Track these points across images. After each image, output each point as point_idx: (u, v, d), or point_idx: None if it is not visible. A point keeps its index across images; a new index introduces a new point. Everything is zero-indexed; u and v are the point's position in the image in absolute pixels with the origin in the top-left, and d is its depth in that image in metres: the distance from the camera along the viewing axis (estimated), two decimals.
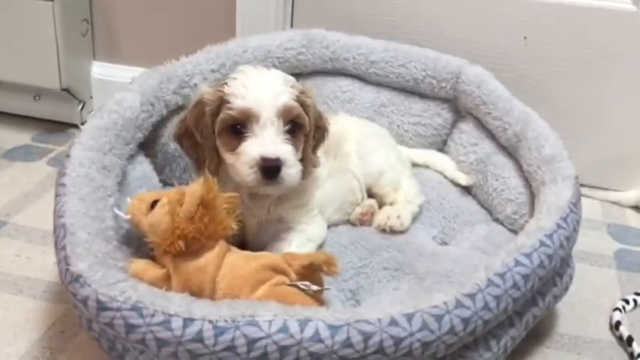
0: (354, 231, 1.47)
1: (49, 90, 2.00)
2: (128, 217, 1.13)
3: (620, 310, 1.39)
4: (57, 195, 1.17)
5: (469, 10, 1.82)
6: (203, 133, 1.25)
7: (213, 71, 1.60)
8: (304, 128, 1.26)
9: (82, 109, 2.05)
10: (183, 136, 1.29)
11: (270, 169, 1.18)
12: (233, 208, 1.12)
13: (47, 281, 1.37)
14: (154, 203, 1.11)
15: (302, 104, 1.25)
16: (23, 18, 1.89)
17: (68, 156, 1.25)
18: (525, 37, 1.79)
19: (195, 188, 1.09)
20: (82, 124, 2.05)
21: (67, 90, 1.99)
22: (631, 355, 1.28)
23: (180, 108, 1.53)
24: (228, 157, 1.23)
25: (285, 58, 1.71)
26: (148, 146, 1.48)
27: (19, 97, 2.05)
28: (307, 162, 1.29)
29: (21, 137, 1.97)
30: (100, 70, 2.10)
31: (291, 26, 1.95)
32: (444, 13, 1.83)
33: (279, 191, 1.26)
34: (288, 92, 1.23)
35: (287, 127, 1.22)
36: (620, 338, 1.33)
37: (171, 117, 1.53)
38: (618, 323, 1.35)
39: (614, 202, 1.83)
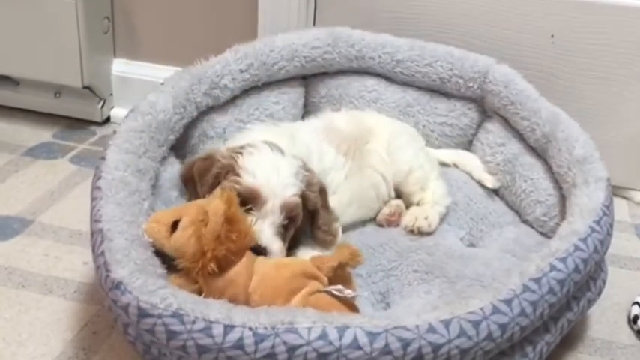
0: (382, 232, 1.46)
1: (69, 87, 1.99)
2: (149, 240, 1.11)
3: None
4: (93, 199, 1.17)
5: (495, 7, 1.80)
6: (203, 187, 1.25)
7: (241, 71, 1.59)
8: (296, 224, 1.25)
9: (102, 106, 2.05)
10: (189, 181, 1.30)
11: (257, 250, 1.15)
12: (251, 214, 1.13)
13: (77, 281, 1.37)
14: (174, 224, 1.09)
15: (304, 198, 1.25)
16: (46, 16, 1.88)
17: (103, 159, 1.24)
18: (553, 36, 1.77)
19: (216, 205, 1.07)
20: (103, 121, 2.06)
21: (88, 87, 1.99)
22: None
23: (210, 108, 1.54)
24: None
25: (311, 57, 1.70)
26: (178, 147, 1.48)
27: (40, 94, 2.05)
28: (327, 230, 1.30)
29: (42, 135, 1.97)
30: (120, 67, 2.09)
31: (314, 24, 1.93)
32: (469, 11, 1.82)
33: None
34: (296, 186, 1.22)
35: (285, 222, 1.21)
36: (638, 332, 1.33)
37: (201, 118, 1.53)
38: (636, 317, 1.34)
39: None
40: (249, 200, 1.19)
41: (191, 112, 1.49)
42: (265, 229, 1.17)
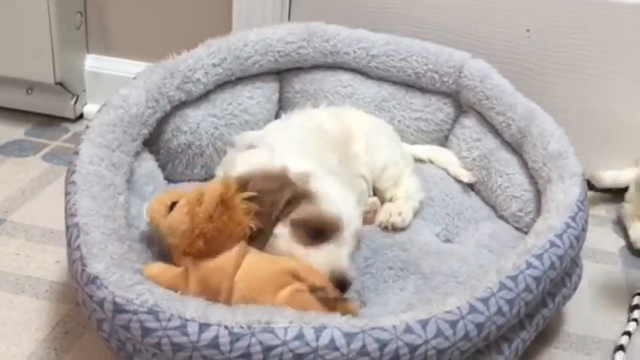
0: None
1: (41, 83, 1.96)
2: (147, 219, 1.13)
3: None
4: (67, 193, 1.15)
5: (471, 2, 1.80)
6: (267, 209, 1.17)
7: (214, 65, 1.57)
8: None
9: (75, 102, 2.02)
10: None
11: (341, 284, 1.15)
12: (250, 208, 1.11)
13: (49, 280, 1.35)
14: (172, 205, 1.10)
15: None
16: (17, 11, 1.85)
17: (77, 153, 1.22)
18: (528, 30, 1.77)
19: (214, 188, 1.08)
20: (76, 117, 2.03)
21: (60, 83, 1.96)
22: None
23: (183, 103, 1.52)
24: (294, 248, 1.17)
25: (285, 51, 1.69)
26: (151, 142, 1.47)
27: (12, 90, 2.01)
28: None
29: (14, 132, 1.94)
30: (93, 62, 2.06)
31: (289, 19, 1.92)
32: (445, 6, 1.82)
33: None
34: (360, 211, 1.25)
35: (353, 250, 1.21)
36: None
37: (174, 112, 1.51)
38: None
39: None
40: (326, 228, 1.17)
41: (164, 106, 1.47)
42: (345, 259, 1.17)
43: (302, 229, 1.18)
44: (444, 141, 1.74)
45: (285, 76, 1.76)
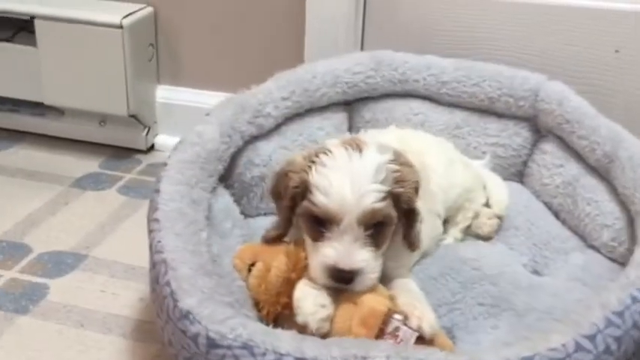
0: (441, 260, 1.39)
1: (114, 115, 1.99)
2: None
3: None
4: (151, 231, 1.16)
5: (555, 24, 1.76)
6: (282, 203, 1.20)
7: (284, 99, 1.57)
8: (391, 225, 1.15)
9: (147, 134, 2.04)
10: (275, 196, 1.24)
11: (342, 278, 1.10)
12: None
13: (135, 319, 1.35)
14: (252, 264, 1.18)
15: (395, 196, 1.14)
16: (92, 45, 1.88)
17: (157, 191, 1.23)
18: (617, 51, 1.72)
19: (279, 264, 1.14)
20: (148, 148, 2.05)
21: (133, 115, 1.98)
22: None
23: (255, 138, 1.52)
24: (307, 243, 1.16)
25: (353, 82, 1.68)
26: (225, 177, 1.46)
27: (85, 123, 2.05)
28: (412, 241, 1.21)
29: (89, 164, 1.96)
30: (163, 94, 2.08)
31: (362, 49, 1.90)
32: (528, 29, 1.78)
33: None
34: (375, 192, 1.11)
35: (370, 232, 1.11)
36: None
37: (246, 147, 1.51)
38: None
39: None
40: (328, 221, 1.11)
41: (237, 141, 1.47)
42: (344, 243, 1.10)
43: (307, 222, 1.15)
44: (522, 167, 1.69)
45: (354, 106, 1.74)
